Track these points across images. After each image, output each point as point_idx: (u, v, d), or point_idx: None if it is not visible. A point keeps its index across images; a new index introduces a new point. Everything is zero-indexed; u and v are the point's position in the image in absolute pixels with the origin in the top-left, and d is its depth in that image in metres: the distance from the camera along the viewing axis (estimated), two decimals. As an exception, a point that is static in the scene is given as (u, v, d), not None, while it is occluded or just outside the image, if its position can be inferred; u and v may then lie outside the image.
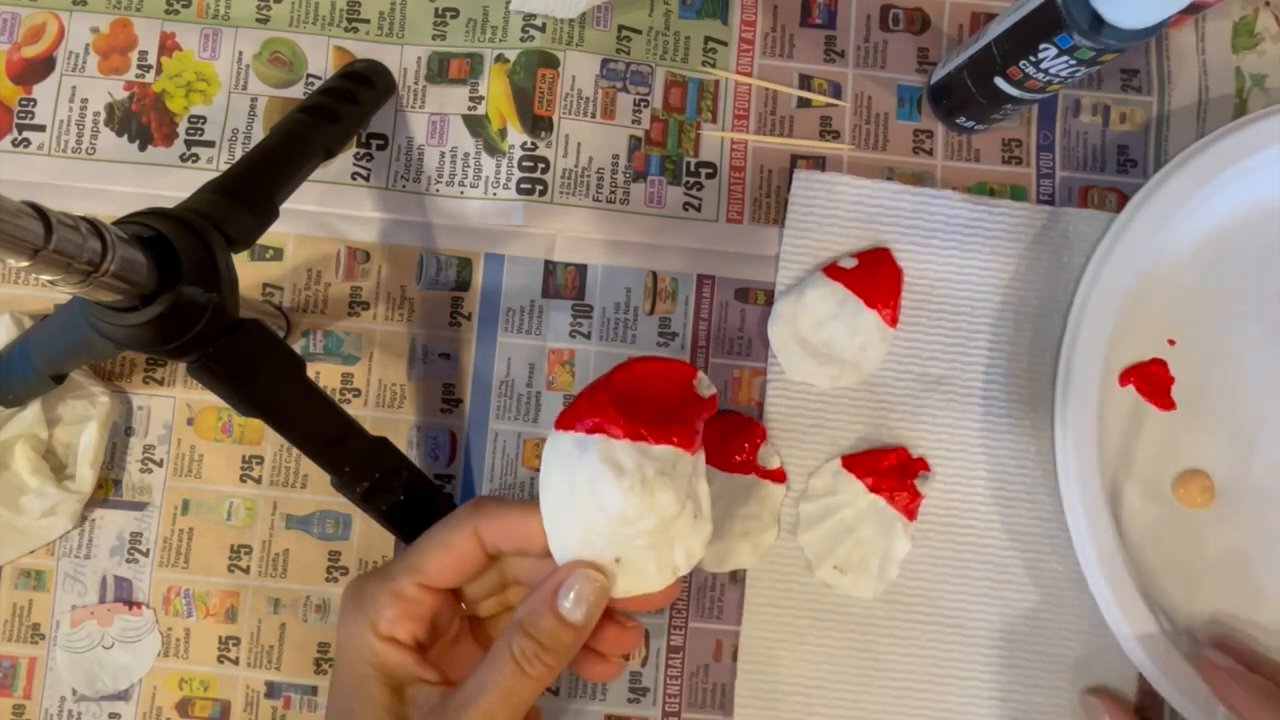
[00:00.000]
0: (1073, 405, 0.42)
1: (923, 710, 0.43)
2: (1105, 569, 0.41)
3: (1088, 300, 0.42)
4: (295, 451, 0.41)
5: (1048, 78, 0.38)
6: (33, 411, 0.42)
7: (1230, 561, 0.43)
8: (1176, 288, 0.44)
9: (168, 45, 0.46)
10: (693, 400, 0.31)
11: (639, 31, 0.46)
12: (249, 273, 0.45)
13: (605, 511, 0.29)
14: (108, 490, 0.44)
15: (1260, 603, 0.43)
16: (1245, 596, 0.43)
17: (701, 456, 0.31)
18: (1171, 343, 0.44)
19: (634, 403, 0.30)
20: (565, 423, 0.31)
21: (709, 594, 0.43)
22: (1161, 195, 0.42)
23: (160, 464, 0.44)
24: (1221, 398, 0.44)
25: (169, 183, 0.45)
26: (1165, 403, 0.44)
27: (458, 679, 0.31)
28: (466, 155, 0.45)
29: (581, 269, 0.45)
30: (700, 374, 0.32)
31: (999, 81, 0.40)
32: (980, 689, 0.43)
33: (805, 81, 0.46)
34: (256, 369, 0.33)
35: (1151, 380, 0.44)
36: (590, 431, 0.30)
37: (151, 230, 0.29)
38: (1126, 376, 0.44)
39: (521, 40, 0.46)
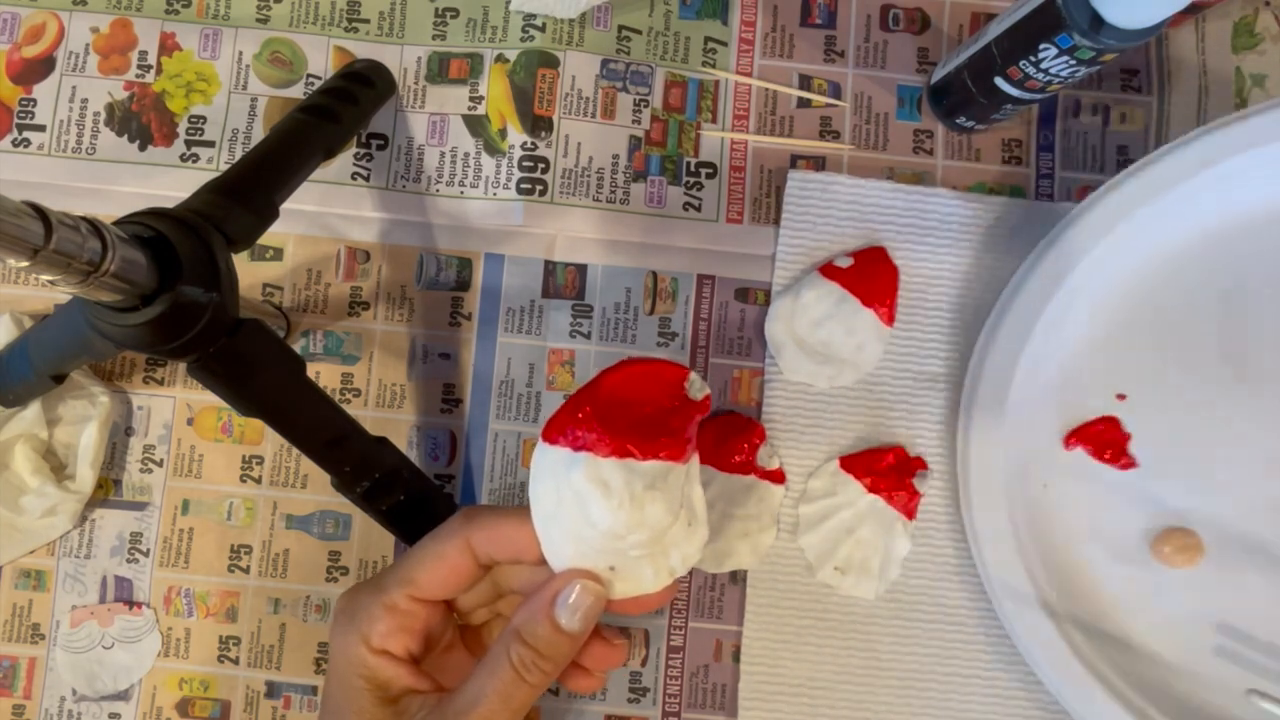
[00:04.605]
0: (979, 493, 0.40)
1: (926, 709, 0.43)
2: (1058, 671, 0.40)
3: (1013, 368, 0.40)
4: (295, 451, 0.41)
5: (1048, 78, 0.38)
6: (33, 411, 0.42)
7: (1222, 620, 0.41)
8: (1120, 339, 0.42)
9: (168, 45, 0.46)
10: (684, 405, 0.30)
11: (639, 31, 0.46)
12: (249, 273, 0.45)
13: (596, 528, 0.29)
14: (108, 490, 0.44)
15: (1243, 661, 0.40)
16: (1234, 653, 0.40)
17: (694, 461, 0.31)
18: (1122, 398, 0.42)
19: (620, 412, 0.29)
20: (551, 435, 0.30)
21: (709, 594, 0.43)
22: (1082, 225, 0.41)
23: (160, 464, 0.44)
24: (1189, 449, 0.41)
25: (169, 183, 0.45)
26: (1124, 461, 0.42)
27: (450, 686, 0.31)
28: (466, 155, 0.45)
29: (581, 269, 0.45)
30: (692, 375, 0.30)
31: (999, 81, 0.40)
32: (982, 687, 0.43)
33: (805, 81, 0.46)
34: (256, 369, 0.33)
35: (1103, 440, 0.42)
36: (576, 448, 0.29)
37: (151, 230, 0.29)
38: (1072, 439, 0.42)
39: (521, 40, 0.46)
